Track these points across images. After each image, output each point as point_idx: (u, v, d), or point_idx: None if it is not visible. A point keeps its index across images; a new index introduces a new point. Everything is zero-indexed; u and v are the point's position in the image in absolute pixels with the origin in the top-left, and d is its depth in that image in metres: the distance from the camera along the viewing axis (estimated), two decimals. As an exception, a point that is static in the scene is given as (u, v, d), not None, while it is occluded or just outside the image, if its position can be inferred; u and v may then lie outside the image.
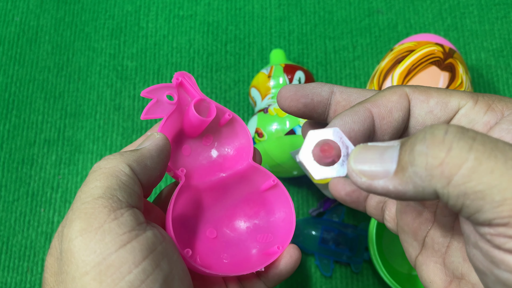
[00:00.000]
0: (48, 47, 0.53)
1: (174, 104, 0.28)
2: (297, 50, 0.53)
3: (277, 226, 0.30)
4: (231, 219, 0.30)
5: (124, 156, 0.23)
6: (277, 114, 0.42)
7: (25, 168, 0.49)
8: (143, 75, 0.52)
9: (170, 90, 0.28)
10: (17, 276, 0.45)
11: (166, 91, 0.28)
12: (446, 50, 0.42)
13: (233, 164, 0.30)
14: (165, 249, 0.22)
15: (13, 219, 0.47)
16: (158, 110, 0.27)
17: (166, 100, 0.28)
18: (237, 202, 0.30)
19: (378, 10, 0.54)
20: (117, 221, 0.20)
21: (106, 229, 0.20)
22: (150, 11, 0.55)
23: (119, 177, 0.22)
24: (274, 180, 0.29)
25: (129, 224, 0.21)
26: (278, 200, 0.30)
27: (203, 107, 0.29)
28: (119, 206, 0.21)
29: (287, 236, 0.28)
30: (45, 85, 0.52)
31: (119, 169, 0.22)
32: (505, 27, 0.53)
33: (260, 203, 0.30)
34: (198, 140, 0.30)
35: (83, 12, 0.55)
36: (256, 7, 0.55)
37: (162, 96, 0.28)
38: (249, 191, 0.30)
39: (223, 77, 0.52)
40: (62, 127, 0.50)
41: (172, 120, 0.28)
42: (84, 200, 0.21)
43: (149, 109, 0.27)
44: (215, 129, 0.30)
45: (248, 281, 0.28)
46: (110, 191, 0.21)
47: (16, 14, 0.55)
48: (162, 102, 0.28)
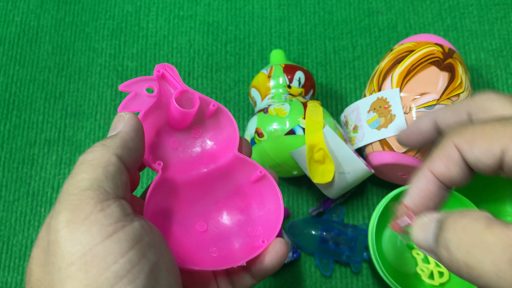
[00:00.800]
0: (49, 47, 0.53)
1: (154, 96, 0.28)
2: (297, 50, 0.53)
3: (267, 219, 0.29)
4: (221, 211, 0.30)
5: (107, 146, 0.23)
6: (277, 114, 0.42)
7: (25, 168, 0.49)
8: (143, 75, 0.52)
9: (150, 83, 0.28)
10: (18, 275, 0.45)
11: (145, 84, 0.28)
12: (445, 50, 0.42)
13: (221, 156, 0.30)
14: (152, 240, 0.22)
15: (13, 219, 0.47)
16: (136, 104, 0.27)
17: (145, 94, 0.27)
18: (227, 195, 0.30)
19: (378, 11, 0.54)
20: (103, 212, 0.20)
21: (92, 220, 0.20)
22: (150, 12, 0.55)
23: (106, 168, 0.22)
24: (261, 171, 0.29)
25: (115, 215, 0.21)
26: (268, 192, 0.30)
27: (187, 98, 0.28)
28: (106, 197, 0.21)
29: (274, 230, 0.28)
30: (45, 85, 0.52)
31: (106, 159, 0.22)
32: (504, 27, 0.53)
33: (251, 195, 0.30)
34: (186, 132, 0.30)
35: (84, 12, 0.55)
36: (256, 7, 0.55)
37: (141, 89, 0.27)
38: (239, 183, 0.30)
39: (223, 77, 0.52)
40: (63, 127, 0.50)
41: (155, 113, 0.28)
42: (71, 192, 0.21)
43: (126, 103, 0.27)
44: (203, 121, 0.30)
45: (235, 274, 0.28)
46: (97, 182, 0.21)
47: (17, 14, 0.55)
48: (140, 95, 0.27)
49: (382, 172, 0.44)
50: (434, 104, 0.40)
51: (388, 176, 0.45)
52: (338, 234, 0.44)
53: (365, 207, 0.47)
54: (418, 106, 0.40)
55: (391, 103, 0.41)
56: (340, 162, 0.41)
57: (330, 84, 0.51)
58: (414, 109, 0.40)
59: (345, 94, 0.51)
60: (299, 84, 0.45)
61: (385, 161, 0.41)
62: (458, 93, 0.40)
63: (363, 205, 0.47)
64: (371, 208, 0.47)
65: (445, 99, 0.40)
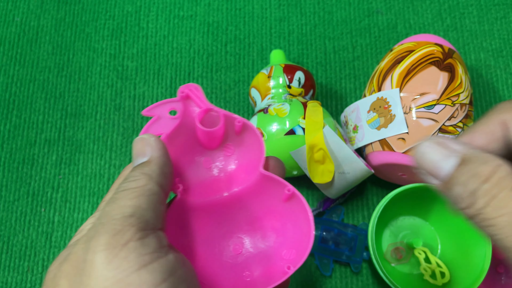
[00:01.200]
0: (49, 47, 0.53)
1: (177, 118, 0.27)
2: (297, 50, 0.53)
3: (298, 240, 0.27)
4: (255, 233, 0.29)
5: (149, 175, 0.23)
6: (277, 114, 0.42)
7: (25, 168, 0.49)
8: (143, 75, 0.52)
9: (174, 105, 0.27)
10: (18, 275, 0.45)
11: (168, 107, 0.27)
12: (445, 50, 0.42)
13: (248, 173, 0.29)
14: (185, 274, 0.22)
15: (13, 219, 0.47)
16: (158, 127, 0.27)
17: (168, 116, 0.27)
18: (261, 214, 0.29)
19: (378, 11, 0.54)
20: (142, 241, 0.21)
21: (130, 247, 0.20)
22: (151, 12, 0.55)
23: (149, 197, 0.22)
24: (290, 189, 0.27)
25: (152, 246, 0.21)
26: (299, 212, 0.27)
27: (212, 117, 0.27)
28: (145, 227, 0.21)
29: (301, 256, 0.26)
30: (45, 85, 0.52)
31: (149, 189, 0.23)
32: (504, 27, 0.53)
33: (284, 215, 0.28)
34: (219, 151, 0.29)
35: (84, 12, 0.55)
36: (256, 7, 0.55)
37: (164, 112, 0.27)
38: (270, 202, 0.28)
39: (223, 78, 0.52)
40: (63, 127, 0.50)
41: (181, 134, 0.27)
42: (115, 217, 0.21)
43: (149, 127, 0.27)
44: (233, 138, 0.29)
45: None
46: (140, 211, 0.22)
47: (17, 15, 0.55)
48: (163, 118, 0.27)
49: (382, 172, 0.44)
50: (434, 104, 0.40)
51: (388, 176, 0.45)
52: (338, 234, 0.44)
53: (365, 207, 0.47)
54: (418, 106, 0.40)
55: (391, 103, 0.41)
56: (340, 162, 0.41)
57: (330, 84, 0.51)
58: (414, 109, 0.40)
59: (345, 94, 0.51)
60: (299, 84, 0.45)
61: (385, 161, 0.41)
62: (458, 93, 0.40)
63: (363, 205, 0.47)
64: (371, 208, 0.47)
65: (445, 99, 0.40)
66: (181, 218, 0.27)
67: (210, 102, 0.28)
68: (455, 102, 0.40)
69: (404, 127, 0.40)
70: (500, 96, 0.51)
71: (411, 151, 0.40)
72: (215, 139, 0.28)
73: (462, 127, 0.40)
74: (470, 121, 0.41)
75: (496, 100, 0.51)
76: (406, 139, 0.40)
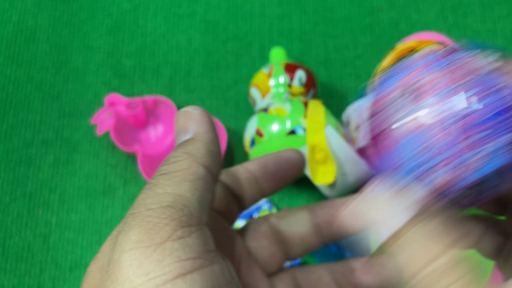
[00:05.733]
0: (46, 46, 0.53)
1: (113, 116, 0.45)
2: (298, 48, 0.52)
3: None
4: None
5: (192, 154, 0.19)
6: (277, 114, 0.41)
7: (22, 169, 0.48)
8: (141, 74, 0.52)
9: (107, 110, 0.46)
10: (14, 278, 0.44)
11: (105, 112, 0.46)
12: (448, 49, 0.42)
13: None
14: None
15: (9, 221, 0.46)
16: (105, 125, 0.45)
17: (107, 117, 0.46)
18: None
19: (379, 9, 0.54)
20: (182, 241, 0.16)
21: (167, 248, 0.16)
22: (149, 9, 0.55)
23: (193, 182, 0.18)
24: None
25: (195, 249, 0.17)
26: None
27: (134, 105, 0.46)
28: (189, 221, 0.17)
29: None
30: (43, 85, 0.51)
31: (193, 171, 0.18)
32: (507, 26, 0.53)
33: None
34: (149, 127, 0.48)
35: (81, 11, 0.54)
36: (256, 5, 0.54)
37: (103, 116, 0.46)
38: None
39: (223, 76, 0.51)
40: (60, 127, 0.50)
41: (120, 124, 0.46)
42: (149, 207, 0.17)
43: (100, 127, 0.45)
44: (153, 113, 0.48)
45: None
46: (181, 200, 0.17)
47: (14, 14, 0.55)
48: (104, 119, 0.46)
49: (385, 173, 0.44)
50: (437, 103, 0.39)
51: (390, 177, 0.45)
52: (339, 235, 0.44)
53: (367, 208, 0.47)
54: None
55: (394, 103, 0.40)
56: (342, 163, 0.40)
57: (332, 83, 0.51)
58: (417, 108, 0.39)
59: (346, 93, 0.51)
60: (300, 83, 0.44)
61: (387, 162, 0.41)
62: (461, 92, 0.40)
63: (365, 206, 0.47)
64: (373, 209, 0.46)
65: (448, 98, 0.39)
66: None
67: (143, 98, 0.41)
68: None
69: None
70: (504, 95, 0.50)
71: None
72: (141, 119, 0.47)
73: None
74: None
75: (500, 99, 0.50)
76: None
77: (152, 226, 0.16)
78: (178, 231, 0.16)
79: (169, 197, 0.17)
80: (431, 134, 0.17)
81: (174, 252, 0.16)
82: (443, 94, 0.17)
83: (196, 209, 0.17)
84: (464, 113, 0.17)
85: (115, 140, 0.45)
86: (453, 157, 0.17)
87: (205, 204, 0.18)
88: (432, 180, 0.17)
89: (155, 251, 0.16)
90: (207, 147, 0.20)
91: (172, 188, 0.18)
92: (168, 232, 0.16)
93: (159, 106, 0.47)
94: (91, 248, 0.45)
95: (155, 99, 0.47)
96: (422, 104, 0.18)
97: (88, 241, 0.46)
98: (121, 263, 0.16)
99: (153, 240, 0.16)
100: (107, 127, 0.45)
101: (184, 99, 0.51)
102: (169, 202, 0.17)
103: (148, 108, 0.47)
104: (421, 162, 0.17)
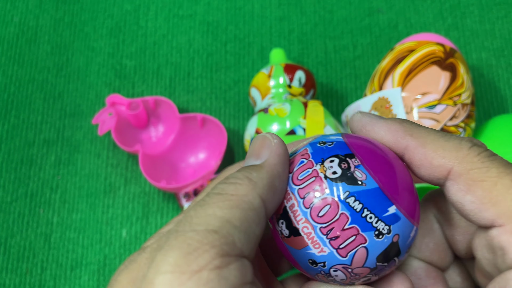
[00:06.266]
0: (48, 47, 0.53)
1: (114, 116, 0.46)
2: (297, 49, 0.52)
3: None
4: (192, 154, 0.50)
5: (254, 182, 0.18)
6: (277, 114, 0.41)
7: (24, 169, 0.48)
8: (142, 74, 0.52)
9: (108, 110, 0.46)
10: (16, 277, 0.45)
11: (106, 112, 0.46)
12: (447, 50, 0.42)
13: (174, 128, 0.48)
14: None
15: (11, 220, 0.47)
16: (106, 125, 0.46)
17: (108, 118, 0.46)
18: (195, 144, 0.48)
19: (379, 10, 0.54)
20: (219, 271, 0.16)
21: (203, 278, 0.16)
22: (150, 10, 0.55)
23: (245, 212, 0.17)
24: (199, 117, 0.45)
25: (231, 282, 0.16)
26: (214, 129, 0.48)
27: (135, 105, 0.46)
28: (230, 251, 0.16)
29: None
30: (44, 85, 0.52)
31: (248, 200, 0.18)
32: (505, 26, 0.53)
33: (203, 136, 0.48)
34: (150, 127, 0.49)
35: (83, 12, 0.55)
36: (256, 6, 0.54)
37: (104, 116, 0.46)
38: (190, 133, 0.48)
39: (223, 77, 0.52)
40: (61, 128, 0.50)
41: (121, 125, 0.47)
42: (195, 227, 0.17)
43: (101, 127, 0.46)
44: (154, 113, 0.48)
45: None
46: (228, 227, 0.17)
47: (15, 15, 0.55)
48: (106, 119, 0.46)
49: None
50: (436, 104, 0.39)
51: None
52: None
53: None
54: (419, 106, 0.40)
55: (392, 103, 0.41)
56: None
57: (331, 83, 0.51)
58: (415, 109, 0.40)
59: (345, 93, 0.51)
60: (300, 84, 0.45)
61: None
62: (459, 93, 0.40)
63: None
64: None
65: (446, 99, 0.40)
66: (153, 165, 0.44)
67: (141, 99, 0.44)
68: (456, 102, 0.40)
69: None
70: (502, 95, 0.50)
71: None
72: (142, 119, 0.47)
73: (464, 127, 0.40)
74: (472, 121, 0.41)
75: (498, 99, 0.50)
76: (407, 139, 0.40)
77: (192, 250, 0.16)
78: (217, 260, 0.16)
79: (216, 221, 0.17)
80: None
81: (209, 283, 0.16)
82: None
83: (241, 239, 0.17)
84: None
85: (116, 140, 0.46)
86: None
87: (252, 237, 0.17)
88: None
89: (189, 279, 0.15)
90: (271, 180, 0.19)
91: (223, 211, 0.17)
92: (207, 260, 0.16)
93: (160, 106, 0.48)
94: (92, 247, 0.45)
95: (155, 99, 0.47)
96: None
97: (89, 240, 0.46)
98: (155, 285, 0.16)
99: (190, 267, 0.16)
100: (108, 127, 0.46)
101: (184, 100, 0.51)
102: (215, 227, 0.16)
103: (149, 108, 0.48)
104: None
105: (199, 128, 0.47)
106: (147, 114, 0.48)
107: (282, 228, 0.19)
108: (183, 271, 0.16)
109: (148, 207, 0.47)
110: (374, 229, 0.18)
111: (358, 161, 0.19)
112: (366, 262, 0.19)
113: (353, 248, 0.18)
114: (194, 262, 0.16)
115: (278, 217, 0.20)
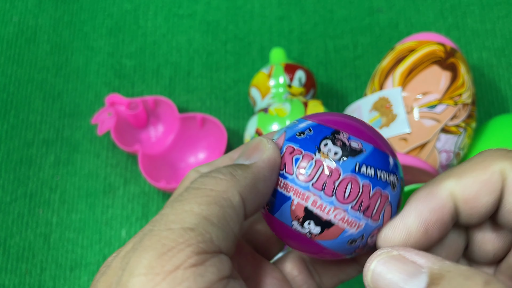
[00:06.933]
0: (47, 47, 0.53)
1: (114, 116, 0.46)
2: (297, 49, 0.52)
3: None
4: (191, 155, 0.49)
5: (236, 179, 0.18)
6: (277, 114, 0.41)
7: (23, 169, 0.48)
8: (141, 74, 0.52)
9: (107, 110, 0.46)
10: (15, 278, 0.45)
11: (106, 112, 0.46)
12: (447, 49, 0.42)
13: (174, 128, 0.48)
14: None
15: (10, 220, 0.46)
16: (106, 125, 0.46)
17: (107, 117, 0.46)
18: (195, 143, 0.48)
19: (379, 9, 0.54)
20: (195, 269, 0.15)
21: (177, 278, 0.15)
22: (149, 10, 0.55)
23: (224, 209, 0.17)
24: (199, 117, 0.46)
25: (208, 278, 0.16)
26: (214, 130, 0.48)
27: (135, 105, 0.47)
28: (207, 249, 0.16)
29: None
30: (43, 85, 0.51)
31: (227, 198, 0.17)
32: (506, 26, 0.53)
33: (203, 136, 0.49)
34: (149, 127, 0.49)
35: (82, 11, 0.55)
36: (256, 6, 0.54)
37: (104, 116, 0.46)
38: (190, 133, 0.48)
39: (223, 77, 0.52)
40: (61, 127, 0.50)
41: (120, 124, 0.47)
42: (170, 226, 0.16)
43: (100, 127, 0.46)
44: (153, 113, 0.49)
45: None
46: (205, 225, 0.16)
47: (15, 14, 0.55)
48: (105, 119, 0.46)
49: (384, 173, 0.44)
50: (436, 103, 0.39)
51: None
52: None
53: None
54: (420, 106, 0.40)
55: (393, 103, 0.40)
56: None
57: (331, 83, 0.51)
58: (416, 108, 0.40)
59: (346, 93, 0.51)
60: (300, 84, 0.45)
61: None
62: (460, 93, 0.40)
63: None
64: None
65: (447, 98, 0.39)
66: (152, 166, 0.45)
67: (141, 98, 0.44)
68: (457, 102, 0.40)
69: (406, 127, 0.39)
70: (503, 95, 0.50)
71: (413, 152, 0.40)
72: (141, 119, 0.47)
73: (465, 127, 0.40)
74: (472, 121, 0.41)
75: (499, 99, 0.50)
76: (408, 139, 0.40)
77: (166, 250, 0.16)
78: (193, 258, 0.16)
79: (193, 218, 0.16)
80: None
81: (184, 282, 0.15)
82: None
83: (218, 237, 0.16)
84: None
85: (116, 140, 0.45)
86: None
87: (230, 235, 0.17)
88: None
89: (164, 279, 0.15)
90: (255, 182, 0.18)
91: (200, 208, 0.17)
92: (182, 259, 0.15)
93: (159, 106, 0.48)
94: (91, 248, 0.45)
95: (155, 99, 0.47)
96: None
97: (89, 240, 0.46)
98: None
99: (164, 267, 0.15)
100: (108, 127, 0.46)
101: (184, 99, 0.51)
102: (191, 224, 0.16)
103: (149, 108, 0.48)
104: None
105: (199, 128, 0.47)
106: (147, 114, 0.48)
107: (310, 229, 0.19)
108: (157, 273, 0.15)
109: (147, 207, 0.47)
110: (389, 184, 0.20)
111: (346, 134, 0.20)
112: (392, 214, 0.20)
113: (382, 209, 0.20)
114: (169, 262, 0.15)
115: (302, 220, 0.19)
